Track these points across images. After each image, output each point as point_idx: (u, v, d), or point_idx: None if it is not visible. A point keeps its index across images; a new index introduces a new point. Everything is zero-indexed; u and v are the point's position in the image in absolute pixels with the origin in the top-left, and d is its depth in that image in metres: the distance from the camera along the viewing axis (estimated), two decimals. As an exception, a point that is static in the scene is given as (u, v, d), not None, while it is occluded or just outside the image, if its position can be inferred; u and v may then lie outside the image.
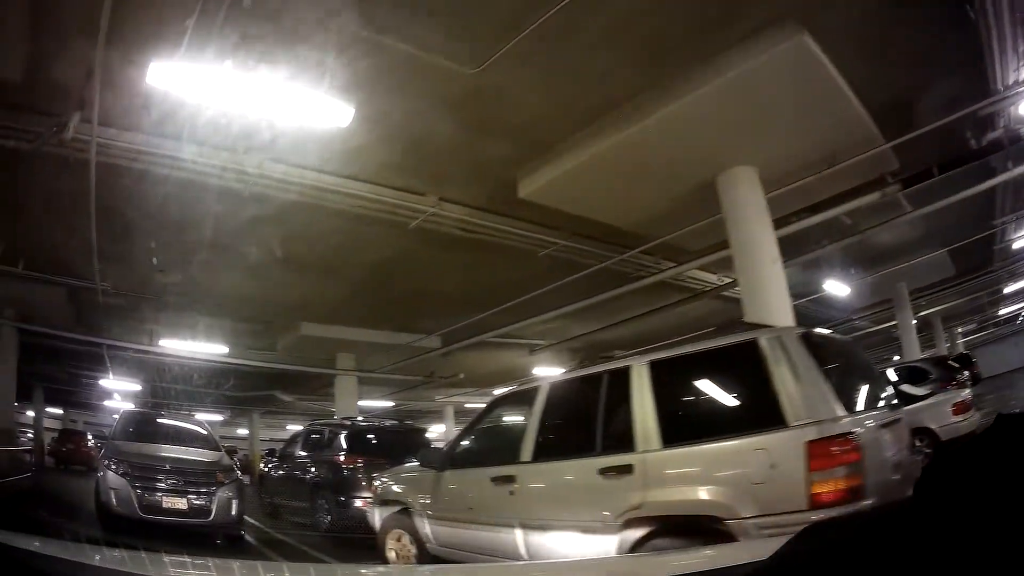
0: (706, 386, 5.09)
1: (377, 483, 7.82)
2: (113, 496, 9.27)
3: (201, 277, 13.69)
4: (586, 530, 4.95)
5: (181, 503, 9.57)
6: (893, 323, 20.15)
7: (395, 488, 7.42)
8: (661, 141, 8.24)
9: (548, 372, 18.26)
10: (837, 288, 15.79)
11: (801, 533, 1.29)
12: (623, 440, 4.98)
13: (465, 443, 6.97)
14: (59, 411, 36.37)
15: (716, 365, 4.92)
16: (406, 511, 6.96)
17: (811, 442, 3.99)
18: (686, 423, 4.86)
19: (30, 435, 29.57)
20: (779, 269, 8.34)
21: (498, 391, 7.32)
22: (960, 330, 30.91)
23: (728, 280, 13.42)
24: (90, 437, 29.06)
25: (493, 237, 11.08)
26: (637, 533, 4.61)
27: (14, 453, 15.45)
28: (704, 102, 7.53)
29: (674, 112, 7.71)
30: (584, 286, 13.07)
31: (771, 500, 4.04)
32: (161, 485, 9.49)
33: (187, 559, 2.65)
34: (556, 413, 6.02)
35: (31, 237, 11.74)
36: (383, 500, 7.49)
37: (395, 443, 11.68)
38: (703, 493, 4.36)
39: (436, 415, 33.66)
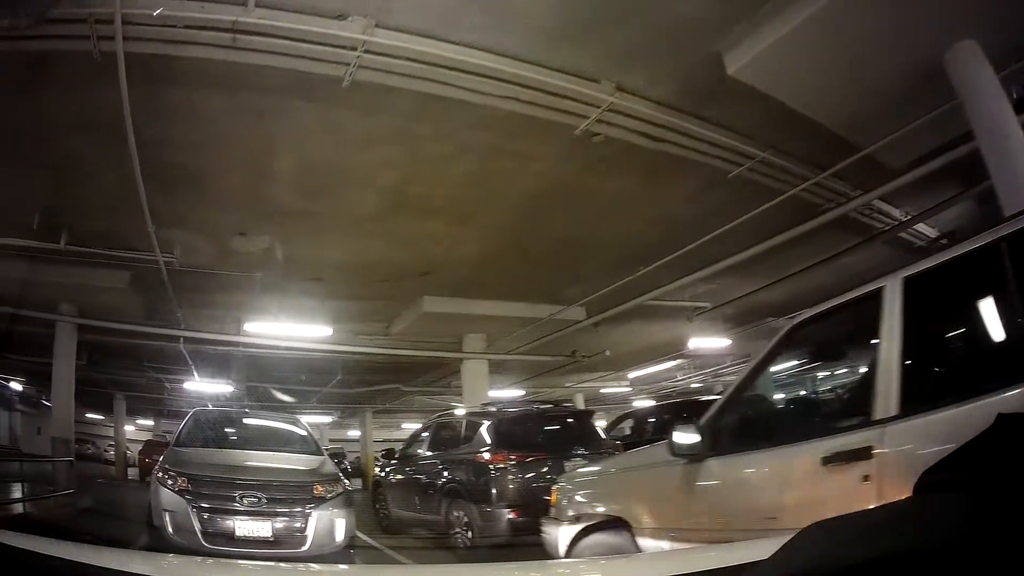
0: None
1: (559, 488, 6.00)
2: (168, 519, 7.64)
3: (294, 239, 12.05)
4: None
5: (263, 529, 7.73)
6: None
7: (594, 494, 5.58)
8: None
9: (704, 342, 18.48)
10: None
11: (801, 533, 1.36)
12: None
13: (745, 407, 4.62)
14: (150, 422, 36.75)
15: None
16: (623, 529, 4.89)
17: None
18: None
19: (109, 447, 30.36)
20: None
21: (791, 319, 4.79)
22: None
23: (910, 216, 11.77)
24: None
25: (680, 148, 9.07)
26: None
27: (61, 465, 14.28)
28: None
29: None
30: (761, 226, 11.08)
31: None
32: (235, 505, 7.76)
33: (187, 559, 3.07)
34: (943, 319, 3.81)
35: (68, 199, 10.40)
36: (573, 514, 5.53)
37: (556, 432, 10.49)
38: None
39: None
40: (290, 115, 8.17)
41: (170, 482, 7.85)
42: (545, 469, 9.08)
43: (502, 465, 9.48)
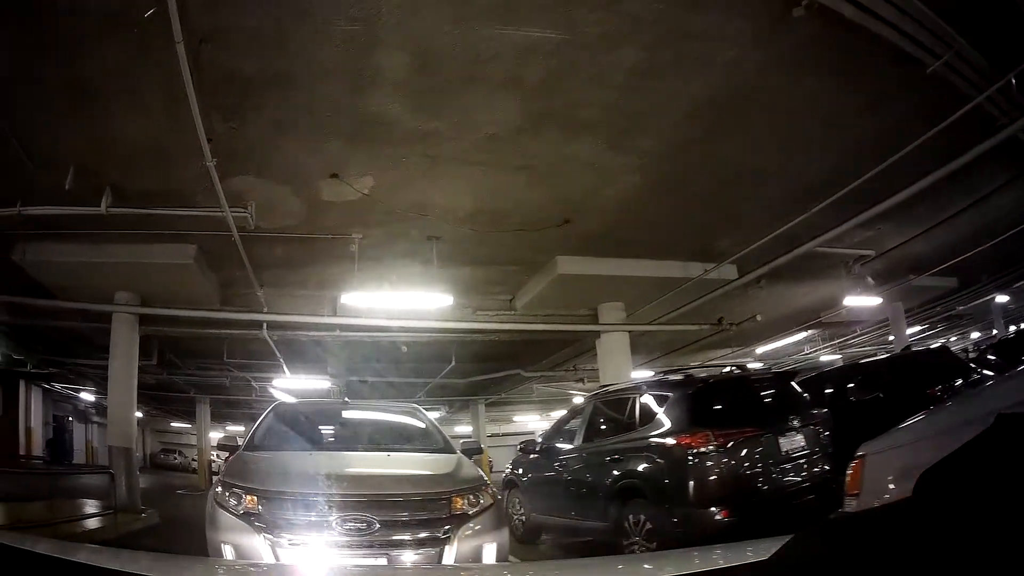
0: None
1: (872, 456, 4.87)
2: (229, 556, 5.77)
3: (403, 178, 10.39)
4: None
5: (377, 567, 5.59)
6: None
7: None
8: None
9: (858, 300, 17.80)
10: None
11: (801, 533, 1.56)
12: None
13: None
14: (240, 428, 36.53)
15: None
16: None
17: None
18: None
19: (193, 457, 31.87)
20: None
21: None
22: None
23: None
24: None
25: (886, 26, 7.53)
26: None
27: (108, 478, 13.19)
28: None
29: None
30: (931, 154, 9.57)
31: None
32: (331, 533, 5.65)
33: (188, 559, 3.39)
34: None
35: (105, 144, 9.05)
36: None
37: (762, 401, 9.04)
38: None
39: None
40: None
41: (233, 502, 5.91)
42: (756, 449, 7.82)
43: (703, 449, 7.94)
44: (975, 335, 26.62)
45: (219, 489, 5.98)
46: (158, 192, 10.12)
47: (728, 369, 10.72)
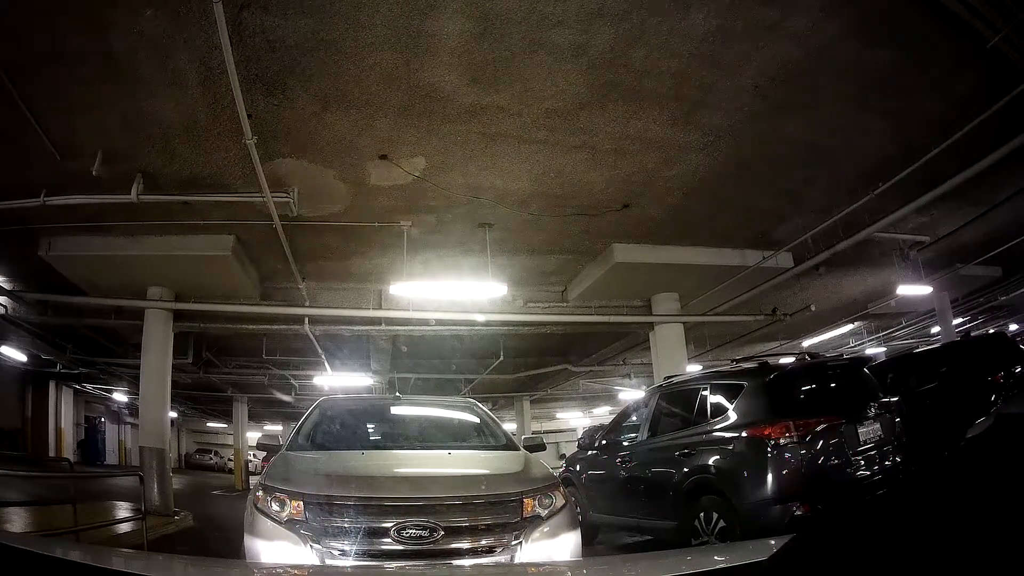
0: None
1: None
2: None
3: (457, 159, 10.05)
4: None
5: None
6: None
7: None
8: None
9: (909, 289, 16.74)
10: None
11: (800, 533, 2.61)
12: None
13: None
14: (278, 427, 37.10)
15: None
16: None
17: None
18: None
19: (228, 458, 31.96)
20: None
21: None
22: None
23: None
24: None
25: None
26: None
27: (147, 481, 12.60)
28: None
29: None
30: (982, 136, 9.43)
31: None
32: (387, 542, 5.13)
33: (187, 559, 3.52)
34: None
35: (134, 126, 8.76)
36: None
37: (840, 388, 8.81)
38: None
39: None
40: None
41: (275, 508, 5.38)
42: (836, 439, 7.54)
43: (783, 440, 7.69)
44: (1013, 327, 26.21)
45: (260, 493, 5.49)
46: (193, 178, 9.80)
47: (800, 355, 10.22)
